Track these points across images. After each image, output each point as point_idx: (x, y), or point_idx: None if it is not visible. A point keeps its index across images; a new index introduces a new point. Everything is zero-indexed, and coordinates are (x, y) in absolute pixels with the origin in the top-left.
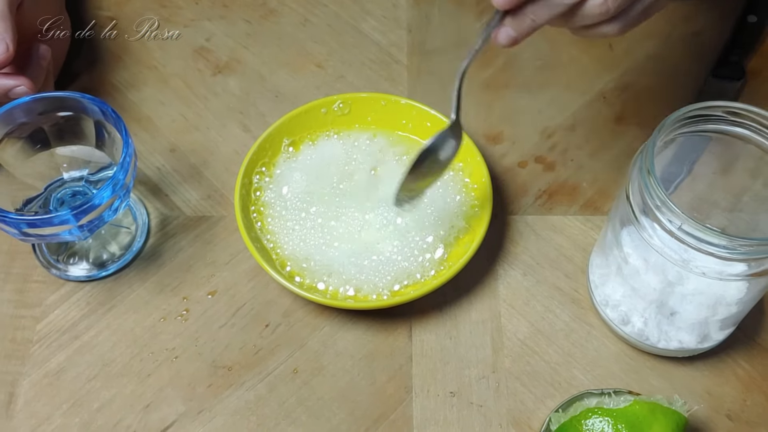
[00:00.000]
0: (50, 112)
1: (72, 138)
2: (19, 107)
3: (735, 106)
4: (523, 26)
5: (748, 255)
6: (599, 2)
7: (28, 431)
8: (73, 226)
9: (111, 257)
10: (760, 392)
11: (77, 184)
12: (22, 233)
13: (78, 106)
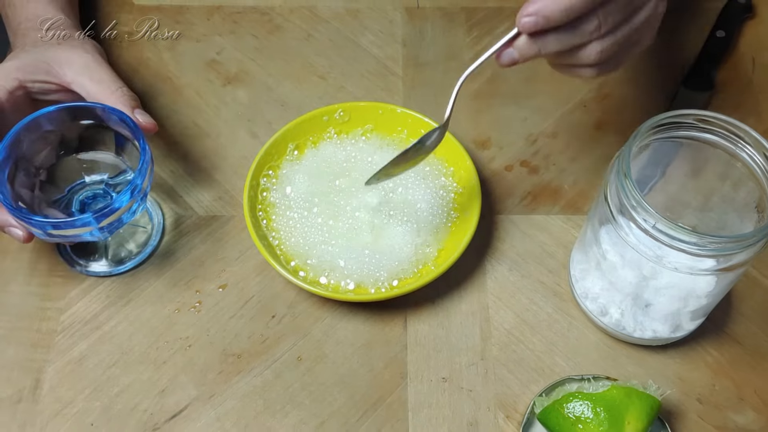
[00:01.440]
0: (74, 120)
1: (93, 145)
2: (45, 116)
3: (705, 114)
4: (528, 53)
5: (717, 251)
6: (597, 50)
7: (53, 414)
8: (94, 227)
9: (129, 254)
10: (727, 378)
11: (98, 187)
12: (47, 234)
13: (100, 116)
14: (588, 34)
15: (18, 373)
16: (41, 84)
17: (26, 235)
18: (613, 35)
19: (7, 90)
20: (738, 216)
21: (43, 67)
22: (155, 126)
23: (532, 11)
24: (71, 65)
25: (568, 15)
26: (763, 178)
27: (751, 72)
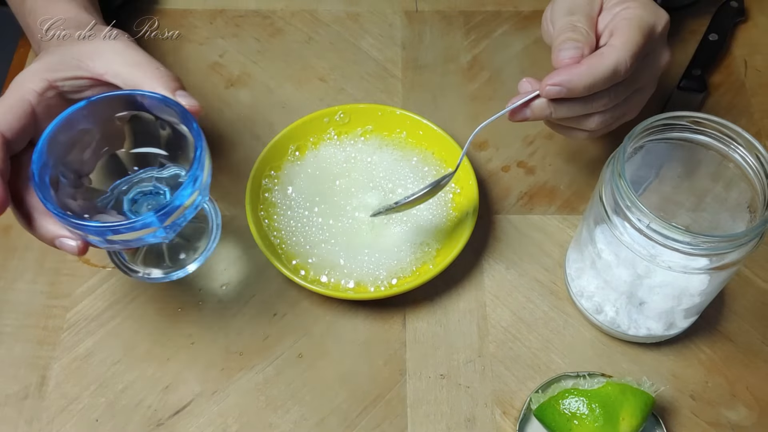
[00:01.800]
0: (112, 113)
1: (135, 137)
2: (78, 112)
3: (698, 116)
4: (541, 114)
5: (710, 250)
6: (598, 121)
7: (59, 410)
8: (159, 227)
9: (188, 255)
10: (720, 375)
11: (146, 185)
12: (107, 241)
13: (140, 104)
14: (596, 108)
15: (24, 369)
16: (72, 81)
17: (82, 246)
18: (615, 109)
19: (36, 92)
20: (730, 216)
21: (71, 63)
22: (200, 108)
23: (558, 82)
24: (101, 55)
25: (589, 91)
26: (755, 179)
27: (744, 75)
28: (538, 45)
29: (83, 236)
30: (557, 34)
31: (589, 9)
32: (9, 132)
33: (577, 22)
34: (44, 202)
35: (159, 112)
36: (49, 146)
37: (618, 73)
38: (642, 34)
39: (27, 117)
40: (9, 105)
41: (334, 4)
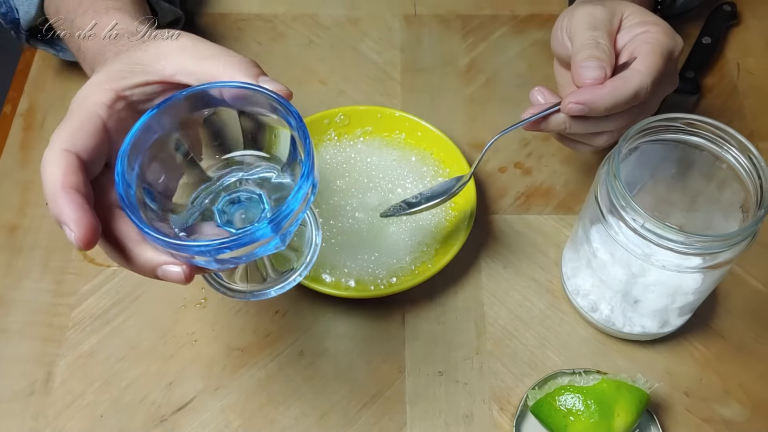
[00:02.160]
0: (190, 113)
1: (212, 139)
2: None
3: (691, 117)
4: (556, 128)
5: (703, 250)
6: (606, 138)
7: (65, 406)
8: (275, 236)
9: (291, 262)
10: (713, 372)
11: (234, 190)
12: (217, 261)
13: (219, 98)
14: (610, 127)
15: (31, 366)
16: (141, 88)
17: (188, 273)
18: (622, 129)
19: (105, 105)
20: (723, 216)
21: (136, 69)
22: (290, 92)
23: (582, 101)
24: (167, 55)
25: (608, 112)
26: (747, 180)
27: (736, 77)
28: (535, 48)
29: (188, 259)
30: (579, 48)
31: (610, 26)
32: (84, 153)
33: (599, 39)
34: (140, 227)
35: (243, 105)
36: (129, 162)
37: (639, 97)
38: (663, 60)
39: (100, 134)
40: (79, 122)
41: (334, 8)
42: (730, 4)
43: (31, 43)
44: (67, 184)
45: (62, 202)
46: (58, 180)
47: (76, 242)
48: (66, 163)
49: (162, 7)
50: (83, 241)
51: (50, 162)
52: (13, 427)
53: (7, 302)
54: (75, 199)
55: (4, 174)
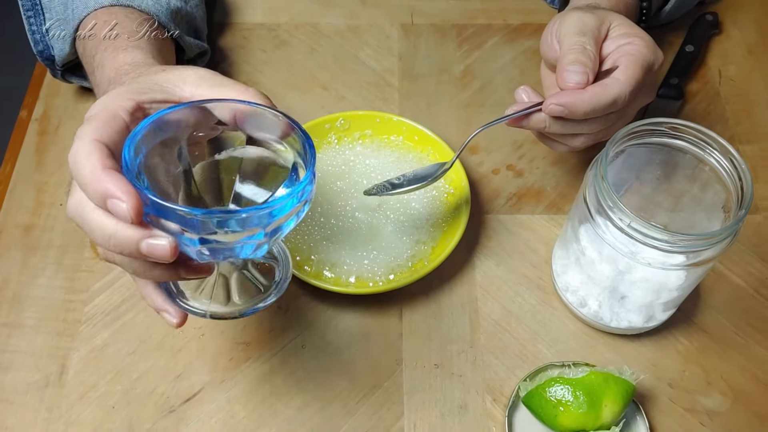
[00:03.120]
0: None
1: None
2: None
3: (675, 122)
4: (536, 126)
5: (687, 248)
6: (582, 140)
7: (78, 397)
8: (261, 230)
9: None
10: (696, 364)
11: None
12: (202, 240)
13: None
14: (586, 129)
15: (45, 360)
16: (159, 104)
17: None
18: (598, 133)
19: (127, 110)
20: (706, 216)
21: (156, 87)
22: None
23: (563, 103)
24: (185, 80)
25: (587, 116)
26: (728, 181)
27: (718, 83)
28: (526, 55)
29: (178, 233)
30: (566, 52)
31: (597, 33)
32: (112, 145)
33: (587, 44)
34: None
35: (251, 128)
36: (139, 144)
37: (616, 104)
38: (643, 72)
39: (123, 132)
40: (104, 120)
41: (335, 17)
42: (712, 14)
43: (65, 77)
44: (107, 166)
45: (106, 179)
46: (98, 163)
47: (130, 211)
48: (100, 150)
49: (187, 42)
50: (136, 209)
51: (83, 152)
52: (29, 417)
53: (22, 298)
54: (117, 176)
55: (19, 176)
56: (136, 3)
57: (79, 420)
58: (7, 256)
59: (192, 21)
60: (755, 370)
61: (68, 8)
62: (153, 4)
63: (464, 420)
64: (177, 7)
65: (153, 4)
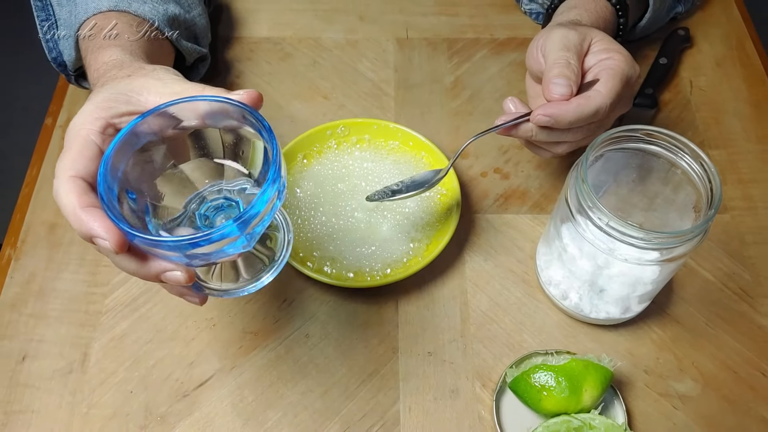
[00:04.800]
0: (168, 126)
1: (196, 150)
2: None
3: (650, 129)
4: (524, 135)
5: (661, 245)
6: (565, 147)
7: (99, 383)
8: (240, 235)
9: (264, 263)
10: (669, 352)
11: (216, 197)
12: (186, 256)
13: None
14: (570, 138)
15: (69, 348)
16: (127, 117)
17: (187, 275)
18: (580, 140)
19: (97, 132)
20: (678, 215)
21: (121, 99)
22: (259, 95)
23: (549, 113)
24: (149, 88)
25: (571, 126)
26: (699, 183)
27: (689, 93)
28: (512, 67)
29: (162, 255)
30: (552, 66)
31: (580, 48)
32: (88, 176)
33: (570, 59)
34: (118, 224)
35: (218, 121)
36: (113, 166)
37: (598, 115)
38: (622, 85)
39: (97, 158)
40: (77, 151)
41: (335, 32)
42: (684, 29)
43: (79, 82)
44: (84, 204)
45: (86, 218)
46: (75, 203)
47: (113, 247)
48: (77, 187)
49: (183, 46)
50: (119, 245)
51: (62, 191)
52: (54, 401)
53: (48, 291)
54: (97, 213)
55: (45, 179)
56: (134, 8)
57: (100, 403)
58: (34, 253)
59: (191, 28)
60: (724, 358)
61: (72, 14)
62: (150, 10)
63: (455, 404)
64: (174, 14)
65: (150, 10)
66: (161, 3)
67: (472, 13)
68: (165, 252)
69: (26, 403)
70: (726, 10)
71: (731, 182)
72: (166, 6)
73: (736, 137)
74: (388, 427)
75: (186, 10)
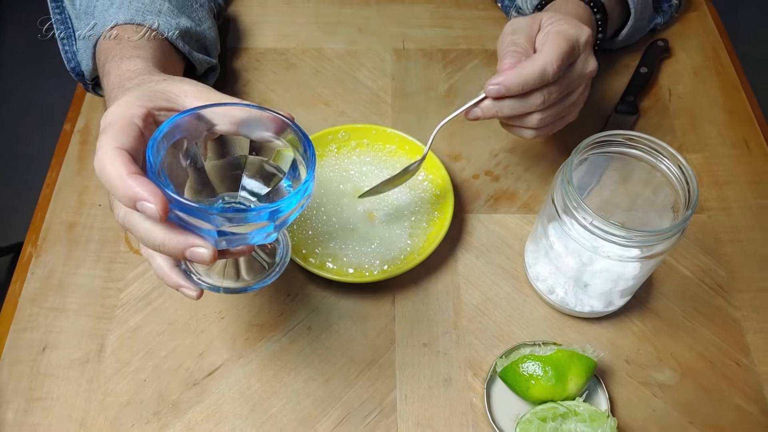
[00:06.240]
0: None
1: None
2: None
3: (631, 134)
4: (489, 113)
5: (641, 243)
6: (538, 118)
7: (114, 372)
8: (268, 223)
9: (265, 263)
10: (649, 343)
11: (229, 199)
12: (218, 232)
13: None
14: (534, 106)
15: (86, 339)
16: (166, 112)
17: (213, 252)
18: (551, 109)
19: (140, 117)
20: (658, 215)
21: (161, 96)
22: (292, 116)
23: (497, 82)
24: (186, 93)
25: (522, 88)
26: (677, 185)
27: (668, 100)
28: None
29: (196, 227)
30: (501, 50)
31: (529, 30)
32: (132, 151)
33: (517, 40)
34: (165, 190)
35: (251, 130)
36: (159, 145)
37: (546, 72)
38: (567, 43)
39: (139, 138)
40: (120, 128)
41: (336, 43)
42: (663, 40)
43: (96, 90)
44: (132, 171)
45: (133, 184)
46: (123, 170)
47: (158, 210)
48: (122, 156)
49: (195, 57)
50: (164, 209)
51: (108, 159)
52: (71, 389)
53: (66, 286)
54: (143, 180)
55: (64, 181)
56: (148, 22)
57: (115, 391)
58: (53, 250)
59: (202, 40)
60: (701, 349)
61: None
62: (164, 24)
63: (448, 392)
64: (186, 27)
65: (164, 23)
66: (174, 17)
67: (465, 25)
68: (201, 223)
69: (46, 391)
70: (702, 22)
71: (707, 184)
72: (179, 20)
73: (712, 142)
74: (385, 413)
75: (197, 23)
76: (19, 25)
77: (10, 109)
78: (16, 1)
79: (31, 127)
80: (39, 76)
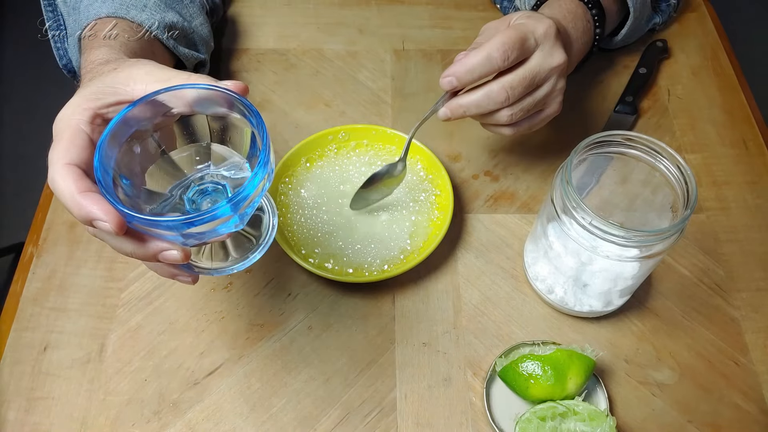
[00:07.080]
0: (161, 116)
1: (184, 136)
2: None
3: (630, 134)
4: (457, 112)
5: (640, 243)
6: (507, 114)
7: (116, 372)
8: (234, 215)
9: (251, 243)
10: (648, 343)
11: (202, 182)
12: (183, 235)
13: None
14: (500, 102)
15: (87, 339)
16: (115, 107)
17: (183, 253)
18: (520, 104)
19: (86, 122)
20: (657, 215)
21: (108, 90)
22: (245, 86)
23: (447, 74)
24: (135, 78)
25: (471, 75)
26: (676, 185)
27: (667, 101)
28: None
29: (159, 234)
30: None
31: (495, 31)
32: (82, 164)
33: (480, 40)
34: (117, 206)
35: (205, 108)
36: (107, 152)
37: (492, 58)
38: (515, 32)
39: (89, 147)
40: (69, 140)
41: (337, 44)
42: (662, 41)
43: None
44: (81, 189)
45: (86, 203)
46: (73, 189)
47: (113, 228)
48: (72, 173)
49: (180, 52)
50: (118, 226)
51: (58, 178)
52: (73, 388)
53: (67, 286)
54: (95, 197)
55: None
56: (131, 15)
57: (116, 391)
58: (55, 250)
59: (190, 36)
60: (699, 349)
61: (76, 21)
62: (147, 18)
63: (448, 391)
64: (172, 22)
65: (147, 17)
66: (159, 11)
67: (464, 26)
68: (162, 232)
69: (47, 390)
70: (701, 23)
71: (706, 184)
72: (164, 14)
73: (711, 142)
74: (385, 412)
75: (186, 19)
76: (20, 26)
77: (11, 109)
78: (17, 3)
79: (32, 128)
80: (40, 77)
